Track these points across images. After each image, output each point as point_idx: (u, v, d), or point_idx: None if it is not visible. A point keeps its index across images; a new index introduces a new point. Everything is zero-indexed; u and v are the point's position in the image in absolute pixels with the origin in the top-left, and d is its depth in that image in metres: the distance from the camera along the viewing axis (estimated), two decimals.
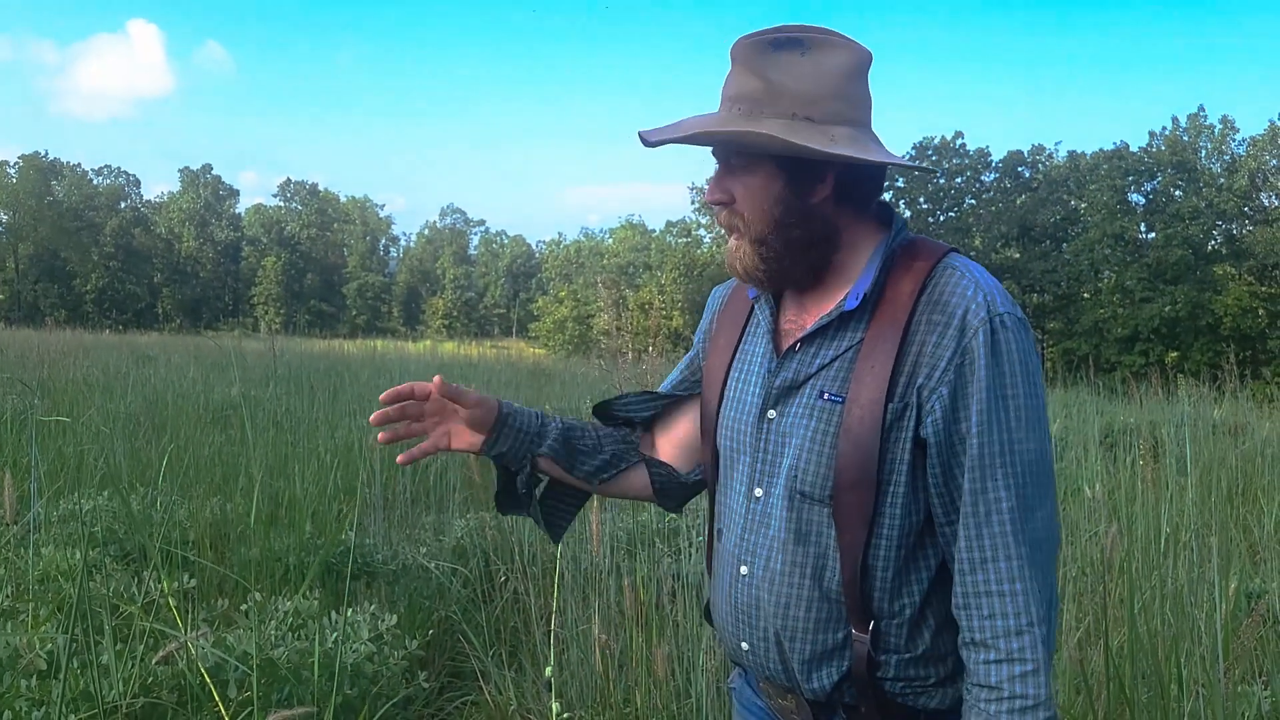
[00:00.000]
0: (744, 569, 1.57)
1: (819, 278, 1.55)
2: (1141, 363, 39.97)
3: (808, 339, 1.53)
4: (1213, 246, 48.54)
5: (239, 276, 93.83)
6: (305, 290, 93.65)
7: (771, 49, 1.46)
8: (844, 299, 1.51)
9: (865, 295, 1.48)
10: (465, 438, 1.70)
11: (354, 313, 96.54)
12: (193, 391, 9.99)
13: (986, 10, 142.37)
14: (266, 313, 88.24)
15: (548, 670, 2.00)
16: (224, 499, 5.23)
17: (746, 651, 1.59)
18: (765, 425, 1.56)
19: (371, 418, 1.61)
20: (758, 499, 1.57)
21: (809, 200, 1.51)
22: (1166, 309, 44.39)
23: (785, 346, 1.58)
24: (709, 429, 1.70)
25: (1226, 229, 49.27)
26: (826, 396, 1.48)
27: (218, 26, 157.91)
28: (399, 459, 1.63)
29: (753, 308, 1.69)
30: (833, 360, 1.50)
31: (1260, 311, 44.68)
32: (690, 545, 4.48)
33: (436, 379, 1.62)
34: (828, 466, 1.46)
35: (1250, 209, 48.97)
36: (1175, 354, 42.78)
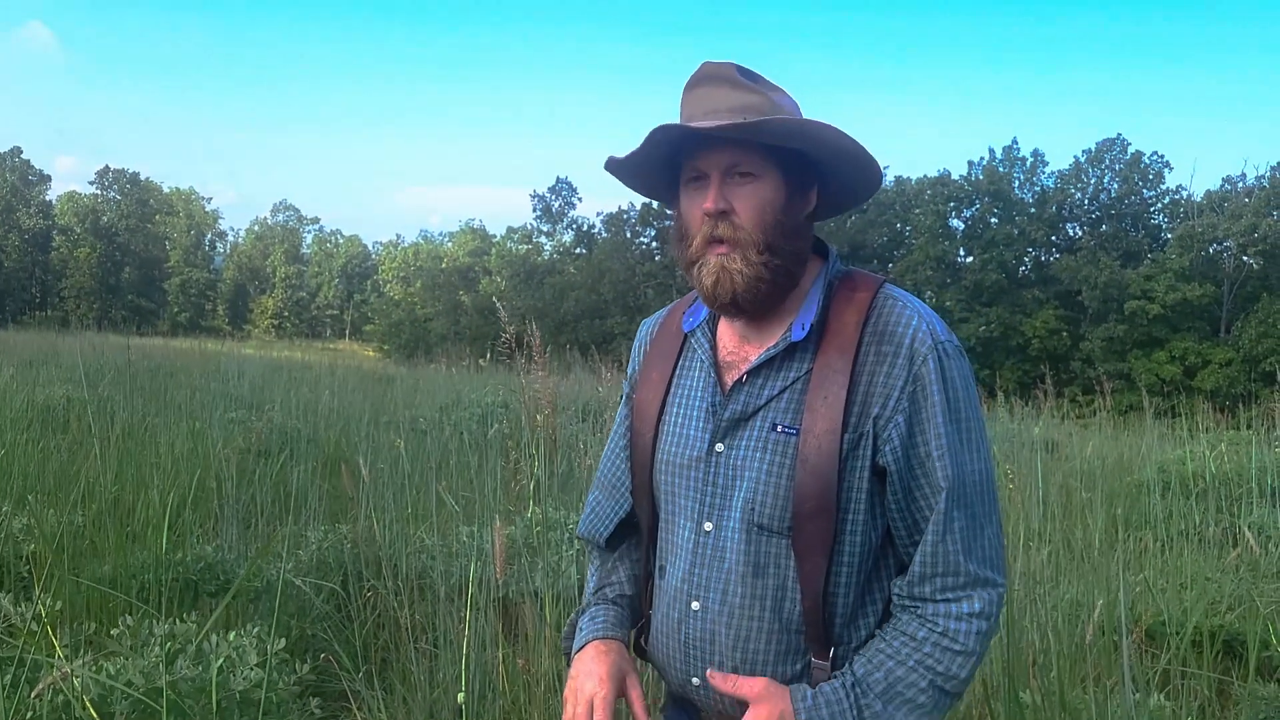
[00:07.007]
0: (695, 604, 1.55)
1: (772, 305, 1.53)
2: None
3: (754, 371, 1.53)
4: (1023, 272, 51.80)
5: (48, 268, 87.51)
6: (122, 284, 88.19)
7: (749, 76, 1.50)
8: (788, 330, 1.52)
9: (811, 326, 1.50)
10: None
11: (175, 309, 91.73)
12: (11, 388, 9.27)
13: (817, 35, 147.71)
14: (78, 307, 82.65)
15: (460, 696, 1.95)
16: (62, 510, 4.88)
17: (697, 686, 1.56)
18: (714, 459, 1.55)
19: None
20: (708, 533, 1.54)
21: (800, 215, 1.53)
22: (981, 329, 47.12)
23: (729, 379, 1.57)
24: (643, 463, 1.66)
25: (1036, 256, 52.64)
26: (780, 429, 1.49)
27: (41, 4, 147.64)
28: None
29: (685, 340, 1.67)
30: (781, 392, 1.51)
31: (1064, 334, 47.93)
32: (560, 560, 4.45)
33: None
34: (785, 498, 1.47)
35: (1057, 238, 52.46)
36: (987, 372, 45.29)
